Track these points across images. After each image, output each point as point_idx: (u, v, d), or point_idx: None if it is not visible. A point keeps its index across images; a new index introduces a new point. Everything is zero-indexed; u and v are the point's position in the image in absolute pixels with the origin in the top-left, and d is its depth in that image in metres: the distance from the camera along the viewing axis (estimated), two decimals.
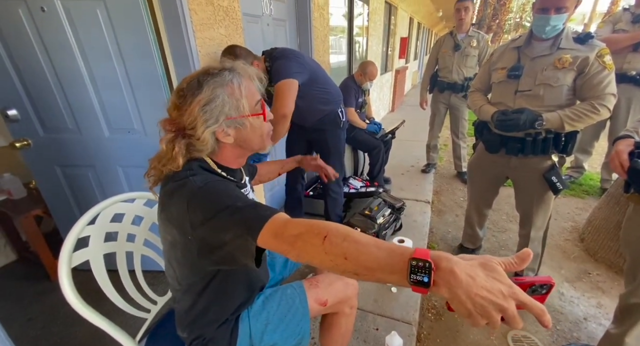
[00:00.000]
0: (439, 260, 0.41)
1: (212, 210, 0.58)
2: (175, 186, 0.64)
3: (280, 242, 0.52)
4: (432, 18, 11.50)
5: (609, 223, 1.82)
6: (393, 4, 5.60)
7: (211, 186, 0.63)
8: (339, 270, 0.48)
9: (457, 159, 3.06)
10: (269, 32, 2.20)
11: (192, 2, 1.32)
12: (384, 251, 0.45)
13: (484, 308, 0.37)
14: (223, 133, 0.69)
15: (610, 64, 1.19)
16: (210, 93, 0.65)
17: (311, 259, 0.50)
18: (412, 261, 0.41)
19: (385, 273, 0.44)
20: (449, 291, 0.39)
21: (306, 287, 0.91)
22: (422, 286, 0.40)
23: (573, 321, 1.49)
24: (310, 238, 0.50)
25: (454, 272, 0.39)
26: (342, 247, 0.47)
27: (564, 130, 1.26)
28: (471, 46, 2.56)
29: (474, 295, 0.38)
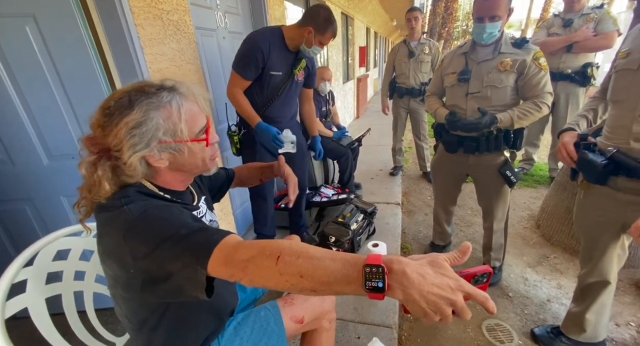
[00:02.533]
0: (391, 263, 0.41)
1: (153, 241, 0.52)
2: (108, 217, 0.57)
3: (231, 268, 0.48)
4: (387, 27, 12.11)
5: (559, 209, 1.97)
6: (349, 15, 5.81)
7: (150, 213, 0.56)
8: (296, 289, 0.46)
9: (421, 160, 3.19)
10: (226, 45, 2.16)
11: (138, 17, 1.26)
12: (339, 262, 0.44)
13: (436, 304, 0.39)
14: (155, 158, 0.62)
15: (545, 65, 1.31)
16: (142, 116, 0.58)
17: (266, 282, 0.47)
18: (365, 268, 0.41)
19: (342, 284, 0.43)
20: (403, 293, 0.40)
21: (281, 306, 0.87)
22: (378, 292, 0.40)
23: (538, 303, 1.58)
24: (262, 261, 0.47)
25: (405, 273, 0.40)
26: (297, 264, 0.45)
27: (513, 127, 1.36)
28: (424, 53, 2.71)
29: (427, 293, 0.39)
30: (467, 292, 0.40)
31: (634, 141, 0.89)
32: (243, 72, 1.52)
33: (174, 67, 1.47)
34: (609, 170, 0.93)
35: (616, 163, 0.92)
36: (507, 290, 1.68)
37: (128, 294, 0.62)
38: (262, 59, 1.50)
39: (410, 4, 7.19)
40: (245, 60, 1.51)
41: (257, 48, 1.48)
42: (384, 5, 7.59)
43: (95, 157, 0.59)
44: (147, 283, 0.54)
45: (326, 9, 1.54)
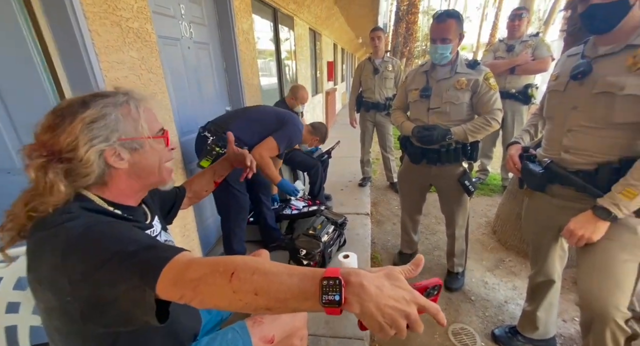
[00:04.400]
0: (348, 276, 0.40)
1: (95, 260, 0.47)
2: (44, 236, 0.51)
3: (181, 288, 0.44)
4: (353, 44, 12.64)
5: (511, 216, 2.14)
6: (317, 31, 5.99)
7: (94, 230, 0.52)
8: (250, 308, 0.43)
9: (388, 171, 3.31)
10: (191, 55, 2.12)
11: (93, 23, 1.20)
12: (296, 277, 0.42)
13: (392, 318, 0.38)
14: (115, 156, 0.59)
15: (494, 85, 1.45)
16: (99, 111, 0.57)
17: (218, 302, 0.44)
18: (323, 281, 0.40)
19: (299, 300, 0.41)
20: (361, 307, 0.39)
21: (249, 326, 0.83)
22: (334, 306, 0.39)
23: (497, 305, 1.68)
24: (214, 279, 0.44)
25: (363, 285, 0.39)
26: (251, 281, 0.42)
27: (468, 140, 1.48)
28: (388, 70, 2.86)
29: (383, 306, 0.38)
30: (420, 304, 0.40)
31: (564, 153, 1.00)
32: (282, 148, 1.82)
33: (133, 75, 1.41)
34: (545, 179, 1.04)
35: (551, 172, 1.03)
36: (469, 294, 1.77)
37: (66, 326, 0.55)
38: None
39: (374, 23, 7.61)
40: (290, 142, 1.87)
41: (298, 140, 1.95)
42: (349, 23, 7.95)
43: (44, 160, 0.54)
44: (88, 312, 0.49)
45: (326, 127, 2.34)
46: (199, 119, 2.17)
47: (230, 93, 2.68)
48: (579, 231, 0.91)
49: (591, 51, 0.95)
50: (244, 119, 1.80)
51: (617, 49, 0.89)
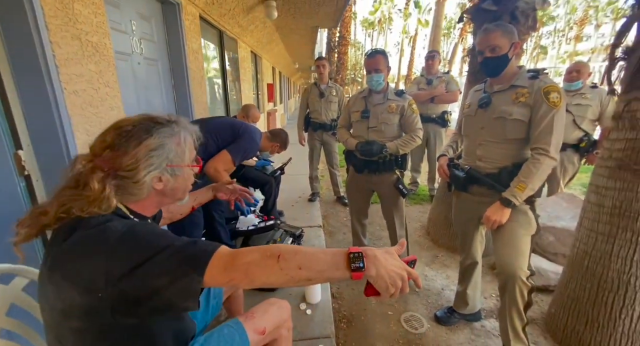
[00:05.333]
0: (366, 250, 0.56)
1: (144, 254, 0.53)
2: (90, 234, 0.56)
3: (231, 272, 0.53)
4: (290, 69, 13.24)
5: (440, 218, 2.56)
6: (258, 54, 6.21)
7: (137, 229, 0.57)
8: (294, 280, 0.54)
9: (335, 186, 3.57)
10: (141, 71, 2.08)
11: (55, 35, 1.16)
12: (329, 254, 0.56)
13: (394, 279, 0.55)
14: (157, 179, 0.67)
15: (416, 109, 1.84)
16: (160, 141, 0.65)
17: (266, 279, 0.54)
18: (350, 255, 0.55)
19: (332, 270, 0.55)
20: (376, 270, 0.55)
21: (242, 321, 0.90)
22: (359, 271, 0.54)
23: (436, 293, 1.98)
24: (264, 261, 0.54)
25: (376, 256, 0.56)
26: (295, 259, 0.54)
27: (399, 153, 1.81)
28: (332, 94, 3.19)
29: (390, 271, 0.55)
30: (408, 272, 0.57)
31: (478, 161, 1.35)
32: (237, 161, 1.79)
33: (91, 89, 1.37)
34: (467, 181, 1.38)
35: (470, 176, 1.37)
36: (414, 287, 2.03)
37: (86, 324, 0.57)
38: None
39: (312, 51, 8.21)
40: (245, 155, 1.85)
41: (255, 151, 1.96)
42: (288, 49, 8.40)
43: (103, 174, 0.61)
44: (124, 306, 0.53)
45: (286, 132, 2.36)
46: None
47: (178, 109, 2.64)
48: (493, 217, 1.23)
49: (490, 88, 1.34)
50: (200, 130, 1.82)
51: (505, 88, 1.27)
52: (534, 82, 1.19)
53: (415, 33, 24.65)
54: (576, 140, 2.42)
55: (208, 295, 1.08)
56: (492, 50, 1.22)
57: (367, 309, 1.86)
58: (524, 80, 1.22)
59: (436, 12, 12.46)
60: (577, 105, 2.39)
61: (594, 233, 1.40)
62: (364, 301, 1.93)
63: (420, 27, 25.11)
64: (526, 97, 1.19)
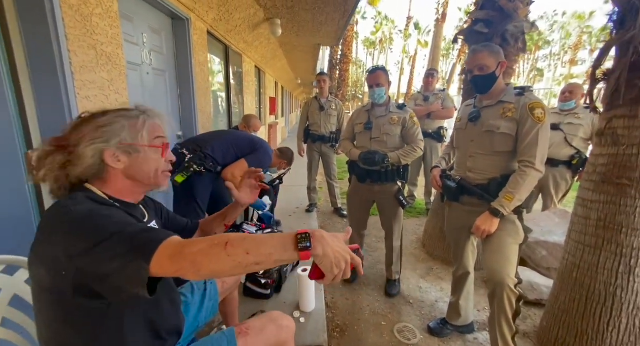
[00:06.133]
0: (313, 232, 0.58)
1: (96, 238, 0.54)
2: (55, 216, 0.61)
3: (179, 261, 0.52)
4: (292, 84, 13.56)
5: (436, 230, 2.59)
6: (262, 69, 6.40)
7: (97, 213, 0.60)
8: (242, 265, 0.54)
9: (333, 197, 3.61)
10: (149, 80, 2.18)
11: (73, 44, 1.25)
12: (277, 237, 0.57)
13: (338, 260, 0.56)
14: (113, 157, 0.69)
15: (417, 121, 1.91)
16: (111, 119, 0.69)
17: (214, 267, 0.53)
18: (298, 236, 0.56)
19: (280, 252, 0.55)
20: (323, 250, 0.56)
21: (237, 333, 0.87)
22: (307, 250, 0.55)
23: (430, 305, 1.99)
24: (212, 250, 0.53)
25: (323, 237, 0.57)
26: (242, 245, 0.54)
27: (401, 163, 1.87)
28: (332, 108, 3.30)
29: (335, 252, 0.56)
30: (352, 257, 0.59)
31: (469, 172, 1.41)
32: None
33: (102, 95, 1.44)
34: (458, 191, 1.43)
35: (461, 186, 1.42)
36: (408, 298, 2.05)
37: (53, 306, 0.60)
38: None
39: (314, 68, 8.46)
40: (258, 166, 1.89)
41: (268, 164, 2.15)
42: (291, 65, 8.66)
43: (52, 148, 0.67)
44: (80, 284, 0.55)
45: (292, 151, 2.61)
46: None
47: (183, 119, 2.73)
48: (482, 226, 1.27)
49: (479, 103, 1.42)
50: (221, 141, 1.92)
51: (494, 103, 1.35)
52: (520, 98, 1.27)
53: (415, 53, 25.39)
54: (568, 157, 2.50)
55: (204, 296, 1.09)
56: (480, 69, 1.31)
57: (361, 319, 1.86)
58: (511, 97, 1.30)
59: (435, 34, 12.93)
60: (569, 124, 2.49)
61: (581, 246, 1.44)
62: (358, 311, 1.93)
63: (420, 47, 25.93)
64: (513, 112, 1.27)
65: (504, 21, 2.14)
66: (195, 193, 1.81)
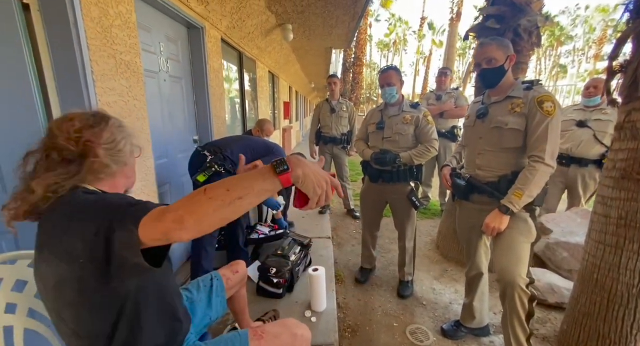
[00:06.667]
0: (289, 156, 0.60)
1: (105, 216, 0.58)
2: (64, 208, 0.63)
3: (162, 221, 0.53)
4: (306, 88, 13.68)
5: (450, 231, 2.54)
6: (275, 74, 6.52)
7: (105, 198, 0.65)
8: (226, 203, 0.54)
9: (345, 199, 3.61)
10: (166, 87, 2.27)
11: (94, 54, 1.34)
12: (254, 171, 0.59)
13: (319, 180, 0.59)
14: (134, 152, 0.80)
15: (431, 120, 1.89)
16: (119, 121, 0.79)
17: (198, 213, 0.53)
18: (273, 163, 0.58)
19: (260, 182, 0.56)
20: (302, 171, 0.58)
21: (250, 336, 0.88)
22: (285, 172, 0.56)
23: (444, 306, 1.95)
24: (191, 199, 0.55)
25: (299, 159, 0.60)
26: (222, 185, 0.56)
27: (414, 163, 1.85)
28: (342, 110, 3.32)
29: (315, 173, 0.59)
30: (330, 178, 0.62)
31: (478, 169, 1.39)
32: None
33: (121, 101, 1.53)
34: (468, 189, 1.41)
35: (471, 184, 1.40)
36: (421, 300, 2.02)
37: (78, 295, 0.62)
38: None
39: (326, 71, 8.51)
40: None
41: None
42: (304, 69, 8.76)
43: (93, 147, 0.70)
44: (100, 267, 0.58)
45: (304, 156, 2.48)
46: (168, 146, 2.27)
47: (198, 123, 2.82)
48: (492, 224, 1.25)
49: (487, 99, 1.40)
50: (240, 144, 2.00)
51: (501, 98, 1.33)
52: (528, 92, 1.24)
53: (430, 53, 25.04)
54: (598, 156, 2.35)
55: (210, 292, 1.12)
56: (488, 62, 1.29)
57: (372, 320, 1.85)
58: (519, 91, 1.27)
59: (450, 33, 12.71)
60: (597, 120, 2.36)
61: (601, 245, 1.37)
62: (370, 312, 1.92)
63: (435, 47, 25.53)
64: (521, 107, 1.24)
65: (516, 16, 2.10)
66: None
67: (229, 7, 2.74)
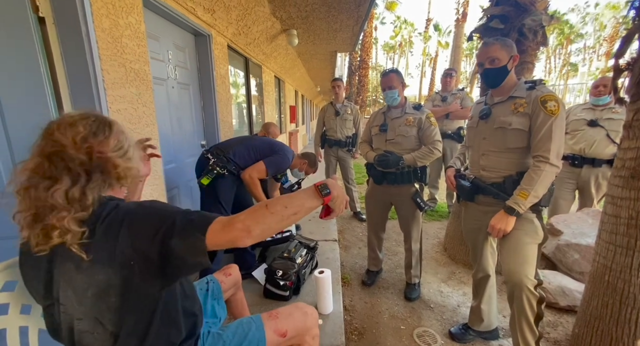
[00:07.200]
0: (326, 180, 0.75)
1: (158, 222, 0.62)
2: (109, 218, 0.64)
3: (231, 230, 0.63)
4: (312, 92, 13.76)
5: (457, 233, 2.51)
6: (281, 78, 6.59)
7: (145, 203, 0.67)
8: (285, 217, 0.67)
9: (351, 201, 3.61)
10: (174, 94, 2.33)
11: (105, 63, 1.39)
12: (302, 192, 0.73)
13: (342, 200, 0.76)
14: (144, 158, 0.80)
15: (434, 122, 1.88)
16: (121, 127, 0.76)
17: (262, 226, 0.64)
18: (319, 186, 0.72)
19: (310, 200, 0.71)
20: (337, 192, 0.74)
21: (264, 319, 0.95)
22: (328, 195, 0.72)
23: (451, 309, 1.93)
24: (256, 213, 0.66)
25: (332, 183, 0.75)
26: (280, 202, 0.68)
27: (417, 165, 1.85)
28: (347, 113, 3.33)
29: (342, 193, 0.76)
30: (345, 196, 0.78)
31: (482, 170, 1.38)
32: (270, 172, 2.04)
33: (131, 108, 1.58)
34: (472, 191, 1.40)
35: (475, 185, 1.39)
36: (429, 303, 2.00)
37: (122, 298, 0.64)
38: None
39: (332, 74, 8.55)
40: (278, 168, 2.09)
41: (286, 166, 2.19)
42: (310, 73, 8.82)
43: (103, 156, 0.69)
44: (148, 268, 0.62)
45: (315, 155, 2.51)
46: (177, 151, 2.32)
47: (206, 128, 2.88)
48: (497, 225, 1.24)
49: (490, 100, 1.40)
50: (243, 146, 2.03)
51: (505, 99, 1.32)
52: (531, 92, 1.24)
53: (436, 54, 24.92)
54: (611, 156, 2.30)
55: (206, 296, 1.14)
56: (492, 61, 1.29)
57: (379, 322, 1.84)
58: (522, 91, 1.27)
59: (456, 34, 12.65)
60: (608, 119, 2.31)
61: (612, 246, 1.35)
62: (377, 314, 1.91)
63: (441, 48, 25.40)
64: (524, 107, 1.24)
65: (520, 16, 2.09)
66: (219, 195, 1.91)
67: (235, 14, 2.80)
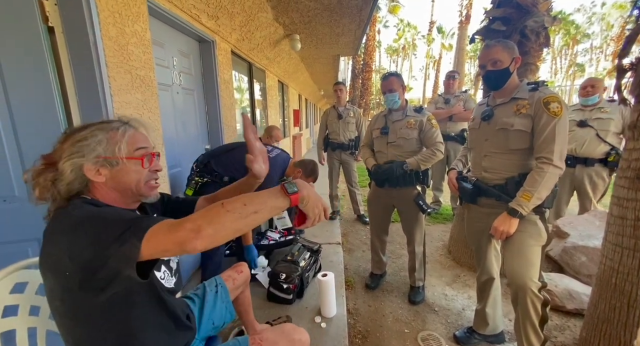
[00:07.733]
0: (295, 180, 0.68)
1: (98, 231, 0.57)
2: (56, 222, 0.64)
3: (178, 230, 0.55)
4: (315, 95, 13.83)
5: (462, 235, 2.49)
6: (285, 83, 6.64)
7: (96, 212, 0.62)
8: (242, 216, 0.59)
9: (355, 204, 3.61)
10: (179, 99, 2.37)
11: (112, 70, 1.42)
12: (267, 190, 0.65)
13: (316, 204, 0.68)
14: (93, 171, 0.68)
15: (435, 124, 1.88)
16: (88, 133, 0.69)
17: (216, 224, 0.56)
18: (284, 184, 0.66)
19: (273, 199, 0.63)
20: (307, 192, 0.66)
21: (250, 342, 0.90)
22: (295, 193, 0.65)
23: (456, 313, 1.91)
24: (210, 211, 0.58)
25: (302, 182, 0.68)
26: (239, 200, 0.61)
27: (421, 168, 1.84)
28: (350, 116, 3.35)
29: (314, 196, 0.68)
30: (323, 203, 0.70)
31: (484, 172, 1.38)
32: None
33: (137, 114, 1.61)
34: (475, 193, 1.40)
35: (477, 187, 1.38)
36: (433, 306, 1.99)
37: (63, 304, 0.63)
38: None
39: (335, 78, 8.60)
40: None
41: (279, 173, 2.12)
42: (313, 77, 8.88)
43: (42, 167, 0.68)
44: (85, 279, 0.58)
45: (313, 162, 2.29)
46: (182, 156, 2.35)
47: (210, 133, 2.91)
48: (500, 227, 1.23)
49: (492, 101, 1.39)
50: (227, 155, 2.02)
51: (507, 100, 1.32)
52: (534, 93, 1.24)
53: (440, 57, 24.90)
54: (603, 154, 2.35)
55: (215, 298, 1.14)
56: (494, 63, 1.29)
57: (383, 326, 1.83)
58: (525, 93, 1.27)
59: (459, 36, 12.64)
60: (598, 119, 2.36)
61: (619, 248, 1.33)
62: (380, 318, 1.90)
63: (445, 51, 25.38)
64: (527, 108, 1.23)
65: (522, 17, 2.09)
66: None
67: (238, 20, 2.85)
